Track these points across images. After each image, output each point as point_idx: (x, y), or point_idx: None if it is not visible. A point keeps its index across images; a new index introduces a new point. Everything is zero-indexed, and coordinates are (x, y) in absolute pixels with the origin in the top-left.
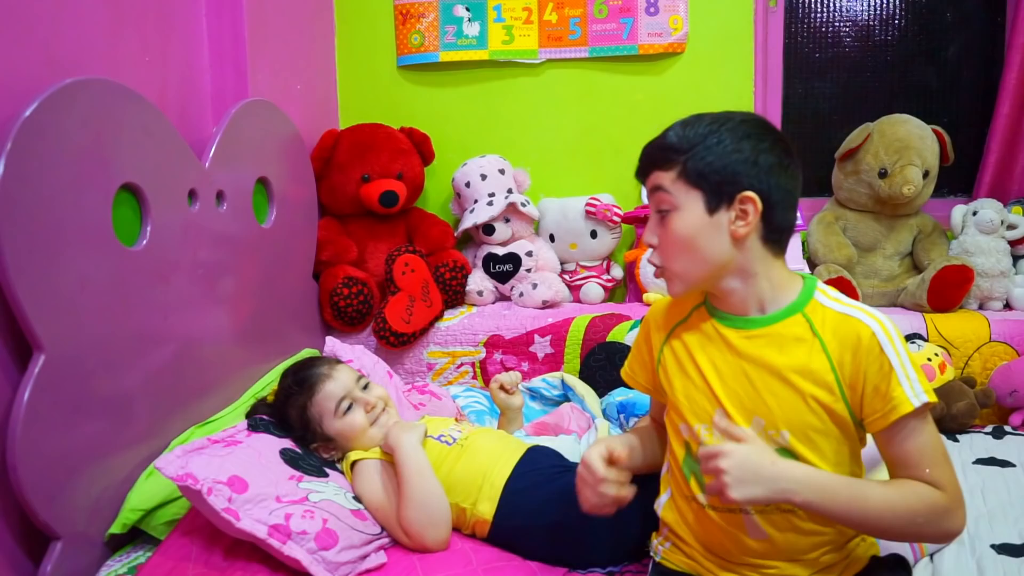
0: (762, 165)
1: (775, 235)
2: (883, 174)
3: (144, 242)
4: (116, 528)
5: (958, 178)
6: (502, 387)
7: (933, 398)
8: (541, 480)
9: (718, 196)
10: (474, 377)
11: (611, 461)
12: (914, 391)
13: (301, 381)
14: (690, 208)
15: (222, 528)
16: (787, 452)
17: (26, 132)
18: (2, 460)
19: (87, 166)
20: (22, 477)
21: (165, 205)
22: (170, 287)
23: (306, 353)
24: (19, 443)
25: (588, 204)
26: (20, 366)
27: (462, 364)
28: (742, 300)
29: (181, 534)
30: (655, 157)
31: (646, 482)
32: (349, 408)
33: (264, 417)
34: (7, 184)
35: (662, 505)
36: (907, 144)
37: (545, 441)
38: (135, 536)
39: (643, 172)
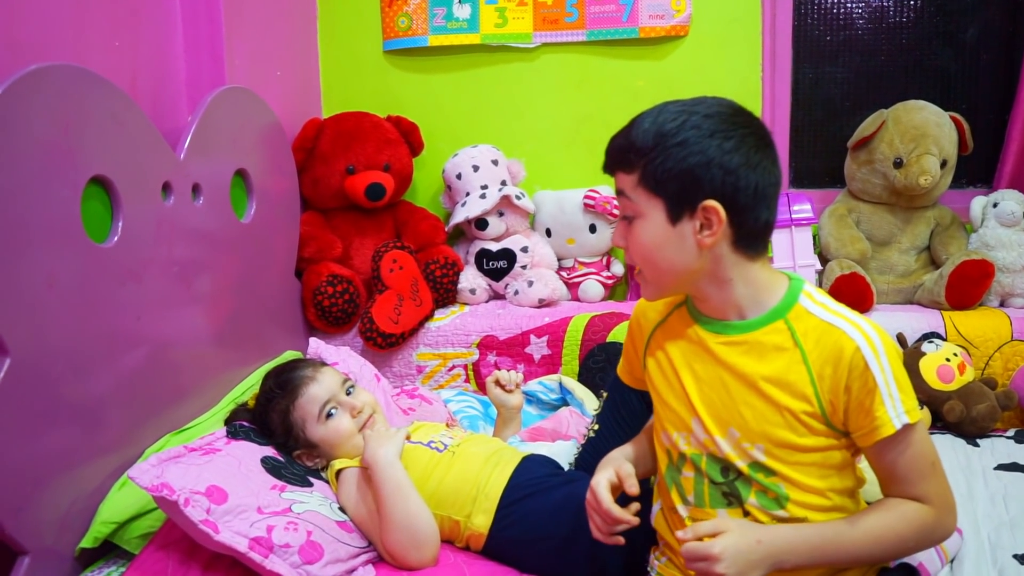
0: (727, 167)
1: (748, 239)
2: (898, 164)
3: (115, 238)
4: (87, 542)
5: (977, 168)
6: (498, 382)
7: (915, 419)
8: (538, 491)
9: (679, 205)
10: (467, 380)
11: (619, 487)
12: (896, 412)
13: (283, 384)
14: (652, 217)
15: (200, 541)
16: (761, 467)
17: None
18: None
19: (53, 158)
20: None
21: (137, 199)
22: (143, 286)
23: (288, 355)
24: None
25: (587, 197)
26: None
27: (454, 367)
28: (720, 304)
29: (156, 548)
30: (617, 157)
31: (649, 493)
32: (334, 412)
33: (244, 423)
34: None
35: (654, 515)
36: (924, 132)
37: (541, 448)
38: (107, 551)
39: (608, 170)
